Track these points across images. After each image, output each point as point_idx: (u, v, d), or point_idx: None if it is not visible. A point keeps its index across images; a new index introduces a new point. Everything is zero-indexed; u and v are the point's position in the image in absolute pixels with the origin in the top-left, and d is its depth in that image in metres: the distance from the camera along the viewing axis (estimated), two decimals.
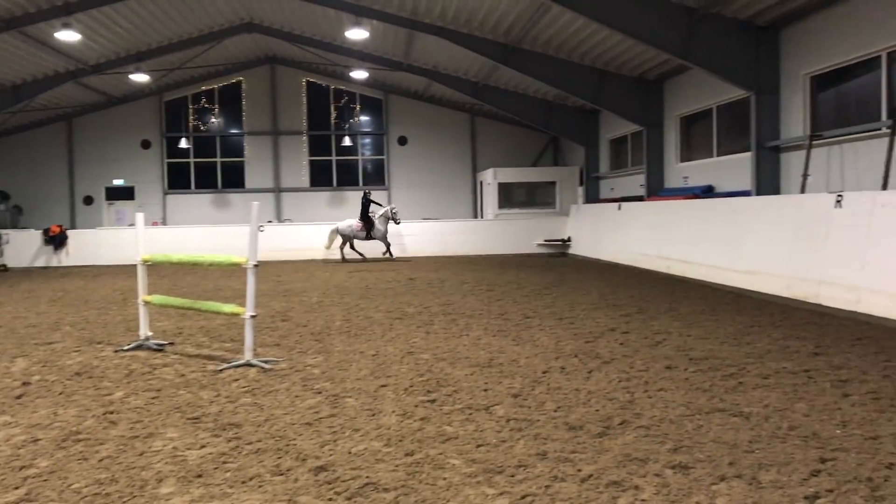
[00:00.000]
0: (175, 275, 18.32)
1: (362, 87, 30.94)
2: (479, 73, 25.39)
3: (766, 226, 12.58)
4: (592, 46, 19.64)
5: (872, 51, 12.91)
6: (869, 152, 12.89)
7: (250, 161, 31.18)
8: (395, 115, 31.63)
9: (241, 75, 30.72)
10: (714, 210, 14.90)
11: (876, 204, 9.95)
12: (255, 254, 7.53)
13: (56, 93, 25.82)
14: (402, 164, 31.70)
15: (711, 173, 18.60)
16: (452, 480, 4.27)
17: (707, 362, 7.32)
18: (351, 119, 31.58)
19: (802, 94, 14.79)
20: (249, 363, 7.48)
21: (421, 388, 6.48)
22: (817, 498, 3.94)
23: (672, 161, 20.78)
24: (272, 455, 4.79)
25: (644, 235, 18.02)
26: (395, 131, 31.71)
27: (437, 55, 24.51)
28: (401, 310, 11.48)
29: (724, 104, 18.04)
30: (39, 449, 5.01)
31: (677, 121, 20.48)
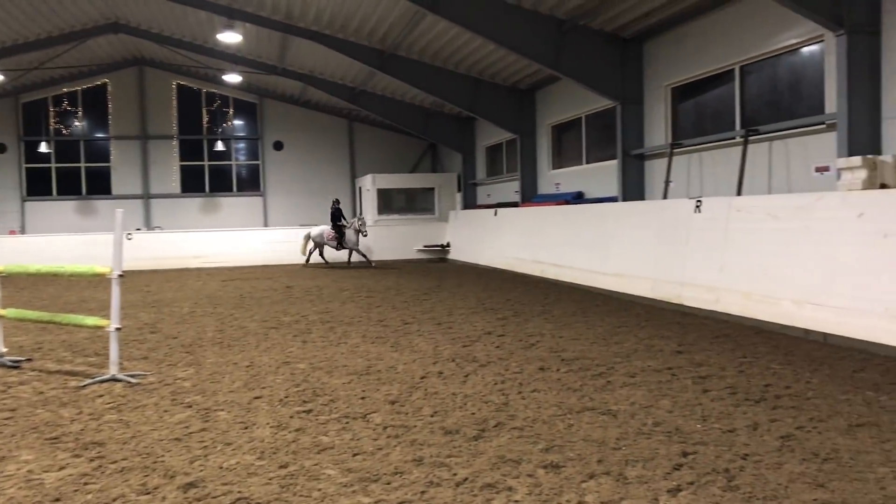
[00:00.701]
0: (35, 286, 17.28)
1: (236, 90, 30.23)
2: (355, 79, 25.31)
3: (632, 230, 13.13)
4: (467, 55, 19.95)
5: (727, 64, 13.73)
6: (725, 160, 13.69)
7: (117, 166, 29.86)
8: (271, 120, 31.07)
9: (106, 77, 29.38)
10: (584, 215, 15.42)
11: (731, 209, 10.56)
12: (119, 263, 7.21)
13: None
14: (278, 169, 31.16)
15: (581, 180, 19.26)
16: (327, 491, 4.22)
17: (578, 363, 7.56)
18: (224, 123, 30.78)
19: (664, 105, 15.55)
20: (115, 378, 7.14)
21: (296, 398, 6.37)
22: (679, 491, 4.13)
23: (545, 168, 21.37)
24: (138, 473, 4.58)
25: (519, 240, 18.43)
26: (271, 136, 31.14)
27: (312, 60, 24.26)
28: (277, 319, 11.27)
29: (593, 113, 18.73)
30: None
31: (549, 129, 21.10)
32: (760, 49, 12.85)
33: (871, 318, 7.95)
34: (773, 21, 12.40)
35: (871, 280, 8.05)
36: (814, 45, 11.98)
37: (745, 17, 13.08)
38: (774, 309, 9.37)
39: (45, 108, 29.28)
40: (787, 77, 12.79)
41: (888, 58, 10.27)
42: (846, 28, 10.28)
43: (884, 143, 10.35)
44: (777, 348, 8.18)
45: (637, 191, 16.15)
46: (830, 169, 11.27)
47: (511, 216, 19.71)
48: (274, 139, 31.16)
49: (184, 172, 30.53)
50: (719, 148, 13.93)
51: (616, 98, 16.18)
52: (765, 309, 9.53)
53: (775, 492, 4.07)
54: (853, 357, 7.62)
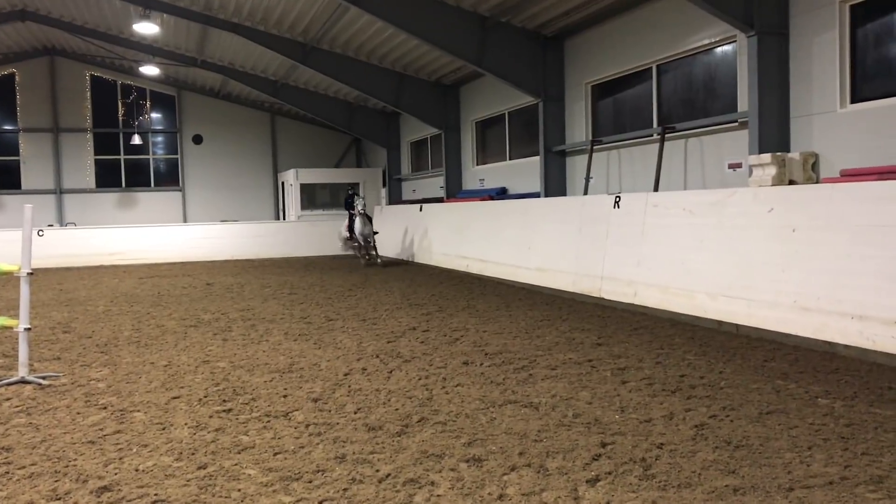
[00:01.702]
0: None
1: (153, 82, 29.41)
2: (277, 72, 24.94)
3: (554, 225, 13.33)
4: (391, 50, 19.90)
5: (644, 63, 14.06)
6: (643, 156, 14.03)
7: (27, 160, 28.69)
8: (190, 113, 30.34)
9: (14, 67, 28.17)
10: (507, 211, 15.58)
11: (648, 204, 10.84)
12: (28, 260, 6.94)
13: None
14: (198, 163, 30.47)
15: (505, 176, 19.46)
16: (247, 491, 4.16)
17: (501, 356, 7.64)
18: (141, 116, 29.91)
19: (584, 102, 15.84)
20: (24, 380, 6.87)
21: (216, 397, 6.25)
22: (598, 481, 4.22)
23: (469, 164, 21.50)
24: (48, 478, 4.42)
25: (444, 236, 18.50)
26: (190, 129, 30.42)
27: (233, 52, 23.80)
28: (196, 317, 11.03)
29: (516, 110, 18.93)
30: None
31: (473, 125, 21.23)
32: (676, 48, 13.20)
33: (780, 310, 8.27)
34: (689, 21, 12.75)
35: (781, 273, 8.38)
36: (727, 46, 12.37)
37: (661, 17, 13.41)
38: (690, 301, 9.66)
39: None
40: (702, 76, 13.18)
41: (796, 58, 10.70)
42: (756, 29, 10.66)
43: (792, 140, 10.78)
44: (692, 340, 8.44)
45: (559, 187, 16.41)
46: (743, 165, 11.67)
47: (436, 211, 19.76)
48: (193, 133, 30.45)
49: (99, 167, 29.56)
50: (637, 145, 14.27)
51: (538, 95, 16.38)
52: (681, 302, 9.81)
53: (689, 479, 4.20)
54: (764, 347, 7.92)
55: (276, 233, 24.78)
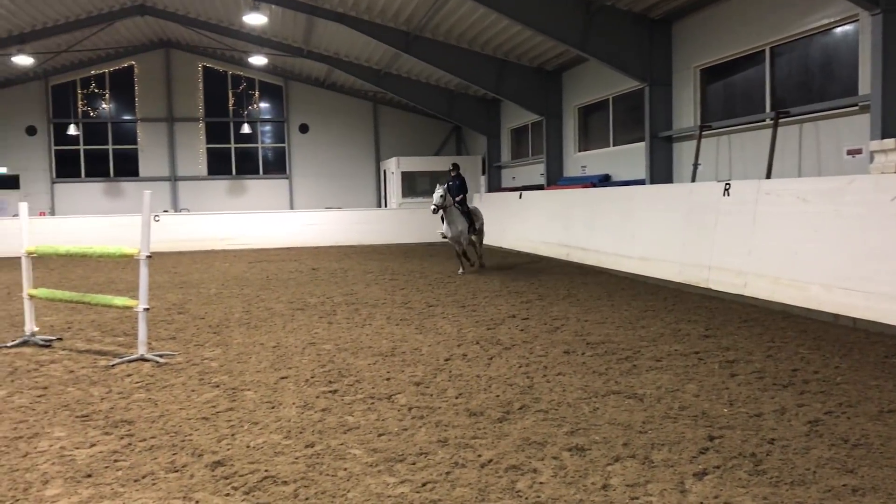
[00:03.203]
0: (64, 267, 17.52)
1: (261, 73, 30.29)
2: (381, 61, 25.25)
3: (659, 213, 13.02)
4: (493, 36, 19.82)
5: (757, 45, 13.50)
6: (754, 142, 13.51)
7: (144, 148, 30.09)
8: (296, 103, 31.11)
9: (133, 59, 29.55)
10: (610, 198, 15.31)
11: (760, 192, 10.43)
12: (147, 244, 7.28)
13: None
14: (304, 152, 31.23)
15: (608, 162, 19.11)
16: (353, 471, 4.25)
17: (603, 346, 7.53)
18: (250, 106, 30.87)
19: (693, 86, 15.36)
20: (143, 357, 7.23)
21: (322, 378, 6.41)
22: (706, 474, 4.11)
23: (571, 150, 21.23)
24: (167, 451, 4.64)
25: (544, 223, 18.36)
26: (296, 119, 31.20)
27: (338, 42, 24.23)
28: (302, 300, 11.33)
29: (620, 95, 18.54)
30: None
31: (575, 111, 20.93)
32: (792, 29, 12.62)
33: None
34: (805, 1, 12.16)
35: None
36: (848, 25, 11.74)
37: None
38: (803, 293, 9.25)
39: (74, 91, 29.52)
40: (819, 58, 12.56)
41: None
42: (882, 7, 10.06)
43: None
44: (805, 333, 8.09)
45: (665, 173, 16.00)
46: (863, 152, 11.07)
47: (536, 199, 19.62)
48: (300, 122, 31.21)
49: (210, 155, 30.71)
50: (749, 130, 13.75)
51: (644, 80, 16.00)
52: (793, 293, 9.42)
53: (803, 476, 4.03)
54: (884, 343, 7.51)
55: (377, 220, 25.19)
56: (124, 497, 3.95)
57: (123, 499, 3.92)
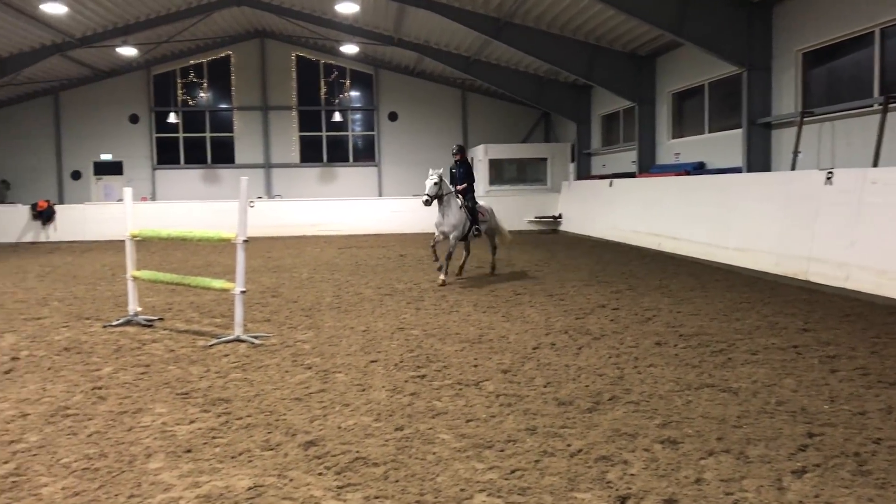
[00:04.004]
0: (164, 250, 18.23)
1: (352, 61, 30.68)
2: (470, 48, 25.21)
3: (756, 203, 12.59)
4: (585, 21, 19.50)
5: (865, 27, 12.85)
6: (861, 129, 12.87)
7: (240, 136, 30.95)
8: (386, 91, 31.40)
9: (230, 49, 30.39)
10: (705, 187, 14.89)
11: (866, 181, 9.95)
12: (244, 229, 7.48)
13: (42, 66, 25.47)
14: (393, 139, 31.53)
15: (703, 150, 18.58)
16: (442, 455, 4.28)
17: (696, 338, 7.34)
18: (341, 94, 31.34)
19: (794, 71, 14.74)
20: (239, 338, 7.46)
21: (411, 363, 6.48)
22: (805, 472, 3.96)
23: (664, 137, 20.74)
24: (262, 430, 4.78)
25: (635, 212, 18.02)
26: (386, 107, 31.50)
27: (428, 29, 24.30)
28: (391, 286, 11.46)
29: (716, 80, 17.98)
30: (28, 424, 4.98)
31: (669, 97, 20.42)
32: None
33: None
34: None
35: None
36: None
37: None
38: None
39: (174, 80, 30.59)
40: None
41: None
42: None
43: None
44: None
45: (762, 162, 15.44)
46: None
47: (627, 187, 19.27)
48: (389, 110, 31.50)
49: (303, 143, 31.35)
50: (855, 116, 13.10)
51: (742, 64, 15.45)
52: None
53: None
54: None
55: None
56: (222, 473, 4.08)
57: (221, 474, 4.06)
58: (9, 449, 4.51)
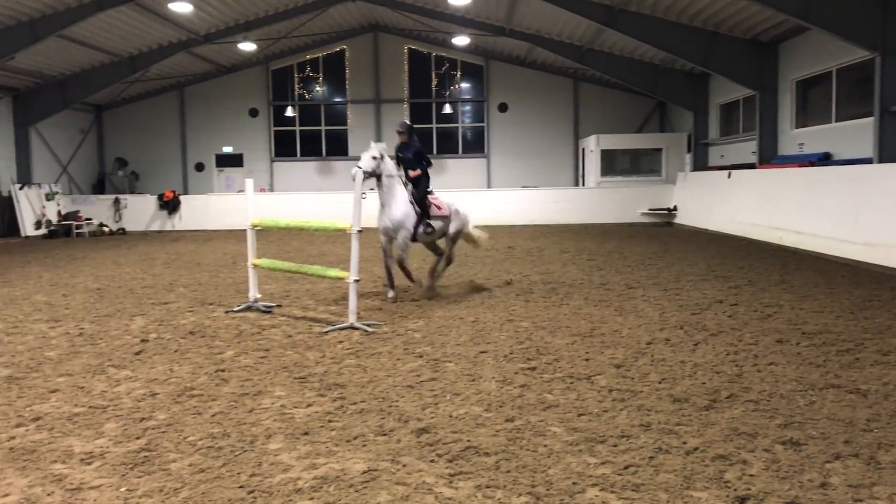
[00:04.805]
0: (282, 240, 18.85)
1: (463, 53, 30.77)
2: (583, 37, 24.84)
3: (888, 196, 11.88)
4: (703, 7, 18.86)
5: None
6: None
7: (353, 129, 31.61)
8: (496, 82, 31.35)
9: (344, 44, 31.04)
10: (831, 178, 14.17)
11: None
12: (358, 220, 7.64)
13: (169, 63, 26.73)
14: (502, 130, 31.45)
15: (829, 140, 17.67)
16: (553, 448, 4.25)
17: (821, 337, 7.01)
18: (451, 86, 31.51)
19: None
20: (353, 326, 7.63)
21: (521, 355, 6.46)
22: None
23: (786, 127, 19.84)
24: (375, 415, 4.88)
25: (755, 205, 17.34)
26: (496, 98, 31.44)
27: (540, 19, 24.09)
28: (499, 278, 11.45)
29: (845, 66, 17.04)
30: (157, 402, 5.26)
31: (793, 85, 19.50)
32: None
33: None
34: None
35: None
36: None
37: None
38: None
39: (291, 75, 31.52)
40: None
41: None
42: None
43: None
44: None
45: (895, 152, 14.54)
46: None
47: (747, 178, 18.56)
48: (499, 101, 31.44)
49: None
50: None
51: (874, 49, 14.56)
52: None
53: None
54: None
55: (574, 199, 24.97)
56: (338, 456, 4.19)
57: (337, 457, 4.17)
58: (140, 426, 4.78)
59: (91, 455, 4.27)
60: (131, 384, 5.75)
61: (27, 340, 7.43)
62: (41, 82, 24.67)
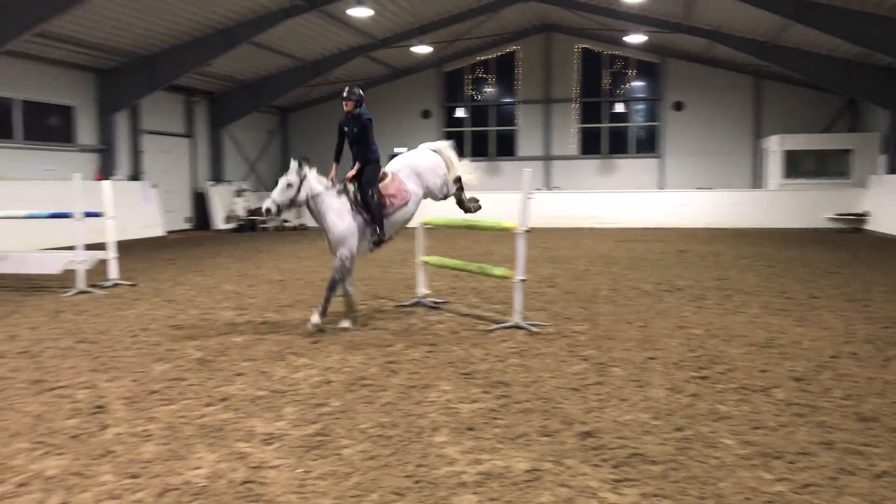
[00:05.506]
0: (448, 238, 19.21)
1: (636, 51, 30.04)
2: (766, 33, 23.57)
3: None
4: None
5: None
6: None
7: (522, 129, 31.69)
8: (671, 80, 30.36)
9: (516, 44, 31.18)
10: None
11: None
12: (526, 219, 7.66)
13: (348, 67, 27.94)
14: (677, 130, 30.40)
15: None
16: (725, 460, 4.08)
17: None
18: (623, 85, 30.87)
19: None
20: (518, 325, 7.66)
21: (692, 363, 6.24)
22: None
23: None
24: (539, 416, 4.87)
25: None
26: (671, 96, 30.45)
27: (720, 15, 23.09)
28: (671, 282, 11.10)
29: None
30: (332, 390, 5.53)
31: None
32: None
33: None
34: None
35: None
36: None
37: None
38: None
39: (462, 77, 32.05)
40: None
41: None
42: None
43: None
44: None
45: None
46: None
47: None
48: (674, 99, 30.46)
49: (582, 134, 31.36)
50: None
51: None
52: None
53: None
54: None
55: (753, 201, 23.81)
56: (501, 453, 4.23)
57: (501, 454, 4.21)
58: (316, 411, 5.03)
59: (271, 436, 4.56)
60: (308, 371, 6.07)
61: (217, 326, 8.02)
62: (233, 86, 26.56)
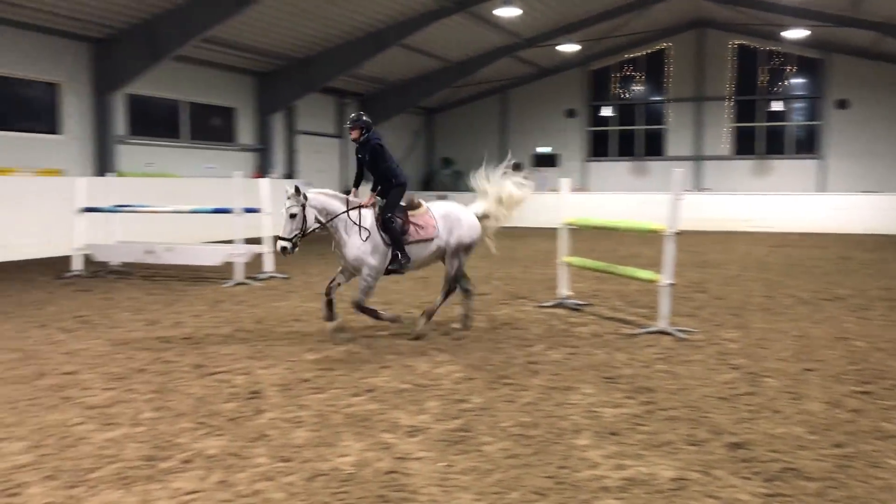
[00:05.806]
0: (592, 239, 18.90)
1: (797, 46, 28.48)
2: None
3: None
4: None
5: None
6: None
7: (672, 128, 30.78)
8: (834, 76, 28.57)
9: (667, 41, 30.31)
10: None
11: None
12: (675, 221, 7.43)
13: (493, 67, 28.08)
14: (841, 129, 28.55)
15: None
16: (891, 482, 3.81)
17: None
18: (782, 82, 29.35)
19: None
20: (664, 331, 7.46)
21: (853, 377, 5.86)
22: None
23: None
24: (686, 424, 4.73)
25: None
26: (834, 94, 28.67)
27: (891, 5, 21.53)
28: (830, 291, 10.46)
29: None
30: (473, 387, 5.59)
31: None
32: None
33: None
34: None
35: None
36: None
37: None
38: None
39: (609, 75, 31.49)
40: None
41: None
42: None
43: None
44: None
45: None
46: None
47: None
48: (838, 97, 28.66)
49: (736, 134, 30.08)
50: None
51: None
52: None
53: None
54: None
55: None
56: (646, 460, 4.14)
57: (645, 461, 4.12)
58: (457, 407, 5.10)
59: (415, 428, 4.66)
60: (450, 367, 6.16)
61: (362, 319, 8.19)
62: (382, 88, 27.32)
